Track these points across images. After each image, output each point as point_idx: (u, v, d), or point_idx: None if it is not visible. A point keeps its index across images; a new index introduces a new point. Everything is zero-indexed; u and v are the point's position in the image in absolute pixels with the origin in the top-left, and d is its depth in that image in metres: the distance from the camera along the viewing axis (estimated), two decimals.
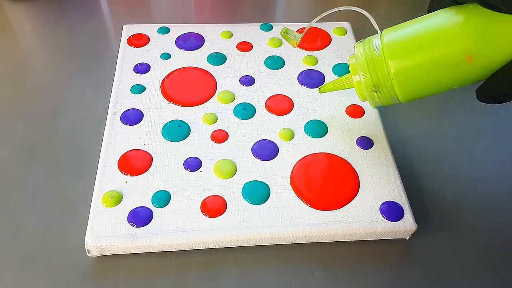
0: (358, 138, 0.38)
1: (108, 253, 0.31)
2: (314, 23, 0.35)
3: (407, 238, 0.34)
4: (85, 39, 0.49)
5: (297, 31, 0.42)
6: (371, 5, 0.55)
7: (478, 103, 0.30)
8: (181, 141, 0.37)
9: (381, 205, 0.33)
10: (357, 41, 0.46)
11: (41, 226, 0.33)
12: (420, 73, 0.29)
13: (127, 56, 0.43)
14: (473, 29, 0.27)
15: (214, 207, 0.33)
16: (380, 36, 0.31)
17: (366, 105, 0.40)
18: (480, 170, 0.39)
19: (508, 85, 0.27)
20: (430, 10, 0.31)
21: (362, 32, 0.50)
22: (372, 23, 0.33)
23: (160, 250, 0.32)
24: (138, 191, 0.33)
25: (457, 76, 0.29)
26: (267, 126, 0.38)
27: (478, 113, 0.44)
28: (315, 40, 0.46)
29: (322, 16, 0.35)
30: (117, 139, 0.36)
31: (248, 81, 0.42)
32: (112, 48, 0.48)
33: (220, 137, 0.37)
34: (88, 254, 0.31)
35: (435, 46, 0.29)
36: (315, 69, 0.44)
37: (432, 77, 0.29)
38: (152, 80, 0.41)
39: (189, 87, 0.41)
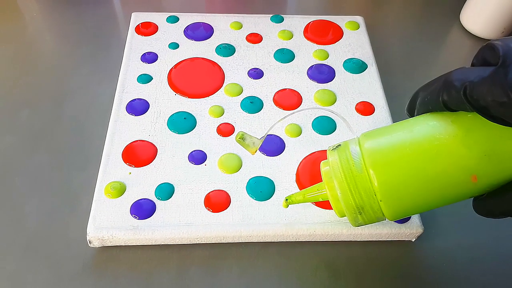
0: None
1: (110, 245, 0.31)
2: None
3: (413, 240, 0.33)
4: (93, 25, 0.48)
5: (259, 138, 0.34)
6: (384, 5, 0.54)
7: None
8: (186, 133, 0.36)
9: None
10: (370, 36, 0.45)
11: (43, 215, 0.33)
12: (414, 193, 0.24)
13: (134, 45, 0.43)
14: (477, 145, 0.23)
15: (217, 201, 0.32)
16: (359, 142, 0.26)
17: (377, 102, 0.39)
18: None
19: None
20: (411, 111, 0.26)
21: (375, 26, 0.49)
22: (348, 127, 0.27)
23: (162, 243, 0.32)
24: (142, 182, 0.33)
25: (458, 195, 0.24)
26: (274, 121, 0.38)
27: None
28: (326, 34, 0.45)
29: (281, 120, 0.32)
30: (122, 129, 0.36)
31: (256, 74, 0.41)
32: (120, 35, 0.47)
33: (226, 130, 0.37)
34: (89, 245, 0.31)
35: (432, 163, 0.23)
36: (326, 63, 0.43)
37: (428, 197, 0.24)
38: (159, 70, 0.41)
39: (196, 79, 0.40)
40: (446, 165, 0.23)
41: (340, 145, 0.27)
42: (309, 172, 0.34)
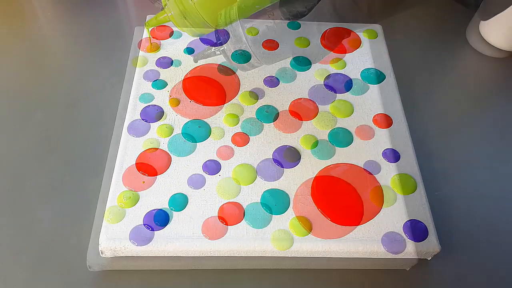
0: (384, 150, 0.36)
1: (122, 255, 0.31)
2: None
3: (428, 259, 0.33)
4: (108, 28, 0.48)
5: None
6: (397, 13, 0.53)
7: None
8: (201, 142, 0.36)
9: (404, 223, 0.32)
10: (388, 44, 0.45)
11: (55, 222, 0.33)
12: None
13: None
14: None
15: (231, 214, 0.32)
16: None
17: (394, 115, 0.39)
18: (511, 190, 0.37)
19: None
20: None
21: (394, 35, 0.48)
22: None
23: (175, 255, 0.31)
24: (155, 192, 0.33)
25: None
26: (289, 131, 0.37)
27: None
28: (344, 42, 0.45)
29: None
30: (136, 137, 0.35)
31: (272, 82, 0.40)
32: (136, 38, 0.46)
33: (240, 140, 0.36)
34: (101, 255, 0.31)
35: None
36: (343, 73, 0.42)
37: None
38: (174, 76, 0.40)
39: (212, 86, 0.40)
40: None
41: None
42: (325, 186, 0.34)
